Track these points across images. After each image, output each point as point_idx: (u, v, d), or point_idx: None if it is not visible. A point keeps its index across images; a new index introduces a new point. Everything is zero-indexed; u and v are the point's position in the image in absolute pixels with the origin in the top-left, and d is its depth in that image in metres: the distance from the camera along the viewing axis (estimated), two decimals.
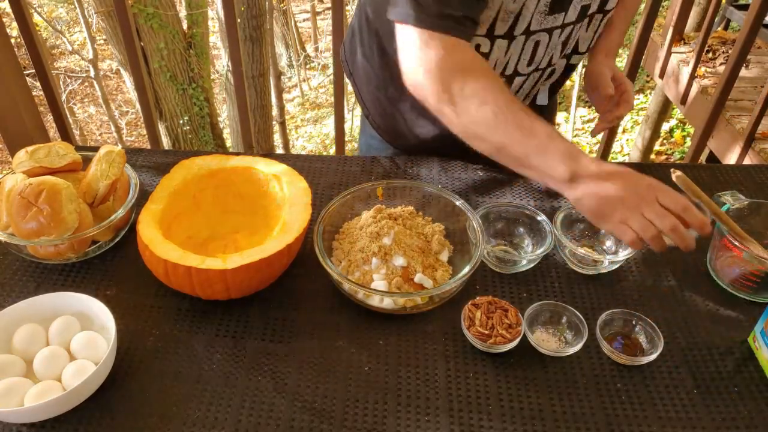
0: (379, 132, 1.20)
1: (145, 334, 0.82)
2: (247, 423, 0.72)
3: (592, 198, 0.77)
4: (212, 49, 7.08)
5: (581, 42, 0.98)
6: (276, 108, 6.43)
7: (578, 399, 0.75)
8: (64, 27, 8.83)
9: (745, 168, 1.18)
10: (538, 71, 0.98)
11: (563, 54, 0.97)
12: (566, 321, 0.83)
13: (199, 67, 5.10)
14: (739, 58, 1.45)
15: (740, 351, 0.81)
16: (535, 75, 0.99)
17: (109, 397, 0.74)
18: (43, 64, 1.39)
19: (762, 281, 0.86)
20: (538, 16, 0.87)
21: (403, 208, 0.97)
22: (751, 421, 0.72)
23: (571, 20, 0.90)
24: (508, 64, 0.95)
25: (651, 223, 0.73)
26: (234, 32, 1.38)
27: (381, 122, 1.16)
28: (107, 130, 8.30)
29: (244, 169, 0.98)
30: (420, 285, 0.86)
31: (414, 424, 0.72)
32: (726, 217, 0.86)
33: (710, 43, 2.76)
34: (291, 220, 0.87)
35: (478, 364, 0.79)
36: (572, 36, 0.93)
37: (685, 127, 5.49)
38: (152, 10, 4.55)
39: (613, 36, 1.07)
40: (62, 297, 0.80)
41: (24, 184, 0.84)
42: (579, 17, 0.90)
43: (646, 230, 0.73)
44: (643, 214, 0.74)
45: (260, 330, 0.83)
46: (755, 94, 2.43)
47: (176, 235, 0.90)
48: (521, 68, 0.96)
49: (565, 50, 0.96)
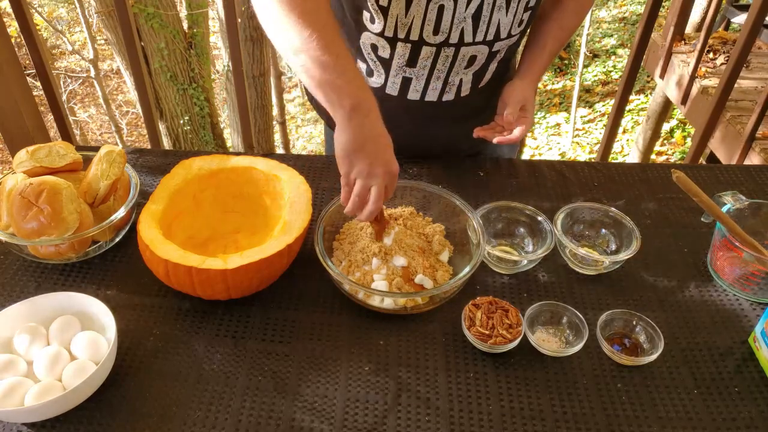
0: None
1: (145, 334, 0.82)
2: (247, 423, 0.72)
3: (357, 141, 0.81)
4: (213, 49, 7.08)
5: (502, 27, 0.96)
6: (276, 108, 6.42)
7: (578, 399, 0.75)
8: (65, 27, 8.83)
9: (746, 168, 1.18)
10: (449, 47, 0.96)
11: (480, 36, 0.95)
12: (566, 321, 0.83)
13: (200, 67, 5.10)
14: (740, 58, 1.45)
15: (740, 351, 0.81)
16: (448, 52, 0.97)
17: (109, 397, 0.74)
18: (44, 64, 1.39)
19: (762, 281, 0.86)
20: None
21: (403, 209, 0.97)
22: (751, 422, 0.72)
23: None
24: (412, 28, 0.94)
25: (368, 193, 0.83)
26: (234, 32, 1.38)
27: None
28: (107, 130, 8.30)
29: (245, 169, 0.98)
30: (420, 285, 0.86)
31: (414, 424, 0.72)
32: (726, 218, 0.86)
33: (711, 44, 2.76)
34: (291, 220, 0.87)
35: (478, 364, 0.79)
36: (483, 11, 0.92)
37: (686, 128, 5.49)
38: (153, 10, 4.55)
39: (544, 58, 1.07)
40: (63, 297, 0.80)
41: (24, 183, 0.84)
42: None
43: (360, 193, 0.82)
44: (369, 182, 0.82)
45: (260, 330, 0.83)
46: (756, 94, 2.43)
47: (176, 235, 0.90)
48: (427, 35, 0.94)
49: (479, 29, 0.94)
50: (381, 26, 0.95)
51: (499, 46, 0.99)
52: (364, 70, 1.05)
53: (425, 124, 1.10)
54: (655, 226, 1.02)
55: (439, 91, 1.04)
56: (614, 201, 1.07)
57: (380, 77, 1.04)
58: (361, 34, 0.99)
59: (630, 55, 1.54)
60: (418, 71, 1.01)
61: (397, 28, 0.94)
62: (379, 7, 0.92)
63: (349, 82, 0.81)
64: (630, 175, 1.14)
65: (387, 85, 1.04)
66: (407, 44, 0.96)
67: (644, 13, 1.46)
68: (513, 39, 1.00)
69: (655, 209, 1.06)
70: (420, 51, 0.97)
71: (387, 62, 1.01)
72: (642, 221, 1.02)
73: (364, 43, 1.00)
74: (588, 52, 6.82)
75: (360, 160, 0.82)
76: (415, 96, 1.05)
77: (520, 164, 1.18)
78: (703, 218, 1.01)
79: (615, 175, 1.14)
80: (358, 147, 0.81)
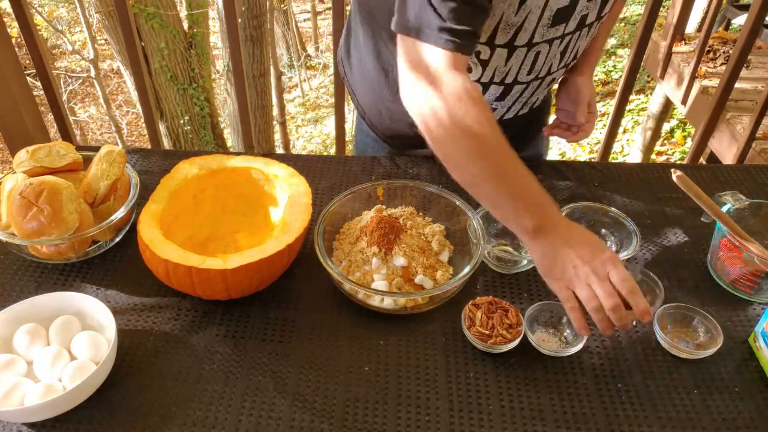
0: (375, 131, 1.20)
1: (145, 333, 0.82)
2: (247, 423, 0.72)
3: (549, 256, 0.76)
4: (213, 49, 7.08)
5: (579, 49, 0.99)
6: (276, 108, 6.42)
7: (578, 399, 0.75)
8: (65, 27, 8.83)
9: (746, 168, 1.18)
10: (537, 80, 0.99)
11: (563, 63, 0.98)
12: (566, 321, 0.83)
13: (200, 67, 5.10)
14: (740, 58, 1.45)
15: (741, 351, 0.81)
16: (535, 84, 1.00)
17: (109, 397, 0.74)
18: (44, 63, 1.39)
19: (762, 281, 0.86)
20: (541, 29, 0.87)
21: (403, 209, 0.97)
22: (751, 422, 0.72)
23: (570, 30, 0.90)
24: (509, 73, 0.95)
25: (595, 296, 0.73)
26: (234, 32, 1.38)
27: (377, 122, 1.16)
28: (108, 130, 8.30)
29: (245, 169, 0.98)
30: (420, 285, 0.86)
31: (414, 424, 0.72)
32: (726, 218, 0.86)
33: (711, 44, 2.76)
34: (291, 220, 0.87)
35: (478, 364, 0.79)
36: (570, 45, 0.94)
37: (686, 128, 5.49)
38: (153, 10, 4.55)
39: (597, 47, 1.09)
40: (63, 297, 0.80)
41: (24, 183, 0.84)
42: (578, 26, 0.90)
43: (589, 302, 0.73)
44: (590, 285, 0.73)
45: (260, 330, 0.83)
46: (756, 94, 2.42)
47: (176, 235, 0.90)
48: (521, 77, 0.96)
49: (564, 59, 0.97)
50: (478, 75, 0.96)
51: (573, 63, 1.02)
52: None
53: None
54: (655, 226, 1.02)
55: (517, 110, 1.07)
56: (614, 201, 1.07)
57: None
58: None
59: (630, 55, 1.53)
60: (506, 102, 1.03)
61: (495, 75, 0.95)
62: (480, 60, 0.93)
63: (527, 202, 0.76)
64: (630, 175, 1.14)
65: None
66: (501, 86, 0.98)
67: (644, 13, 1.46)
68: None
69: (655, 209, 1.06)
70: (512, 89, 0.99)
71: None
72: (642, 221, 1.02)
73: None
74: None
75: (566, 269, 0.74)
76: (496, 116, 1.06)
77: None
78: (703, 218, 1.01)
79: (615, 175, 1.14)
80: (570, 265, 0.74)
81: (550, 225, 0.76)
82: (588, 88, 1.07)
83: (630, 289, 0.71)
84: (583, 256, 0.73)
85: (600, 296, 0.72)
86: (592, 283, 0.73)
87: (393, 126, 1.14)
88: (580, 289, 0.73)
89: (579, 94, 1.05)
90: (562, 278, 0.75)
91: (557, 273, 0.76)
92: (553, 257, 0.75)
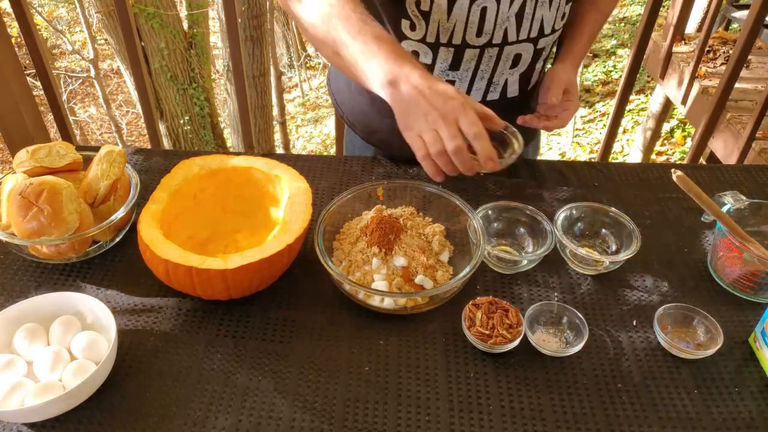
0: (354, 130, 1.19)
1: (145, 334, 0.82)
2: (247, 423, 0.72)
3: (404, 108, 0.77)
4: (213, 49, 7.08)
5: (546, 23, 0.94)
6: (276, 108, 6.43)
7: (578, 399, 0.75)
8: (65, 27, 8.83)
9: (746, 168, 1.18)
10: (493, 47, 0.95)
11: (524, 34, 0.94)
12: (567, 321, 0.83)
13: (200, 67, 5.10)
14: (740, 58, 1.45)
15: (741, 351, 0.81)
16: (492, 52, 0.96)
17: (109, 397, 0.74)
18: (44, 63, 1.39)
19: (763, 281, 0.86)
20: None
21: (403, 209, 0.97)
22: (751, 422, 0.72)
23: None
24: (455, 32, 0.92)
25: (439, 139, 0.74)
26: (234, 32, 1.38)
27: (354, 119, 1.16)
28: (108, 130, 8.30)
29: (245, 169, 0.98)
30: (420, 285, 0.86)
31: (414, 424, 0.72)
32: (726, 218, 0.86)
33: (711, 44, 2.76)
34: (291, 221, 0.87)
35: (478, 364, 0.79)
36: (526, 9, 0.90)
37: (686, 128, 5.49)
38: (153, 10, 4.55)
39: (583, 40, 1.06)
40: (63, 297, 0.80)
41: (24, 184, 0.84)
42: None
43: (433, 145, 0.74)
44: (437, 130, 0.74)
45: (260, 330, 0.83)
46: (756, 94, 2.43)
47: (177, 235, 0.90)
48: (470, 38, 0.93)
49: (523, 28, 0.93)
50: (422, 32, 0.93)
51: (544, 42, 0.98)
52: None
53: None
54: (655, 226, 1.02)
55: (483, 91, 1.03)
56: (614, 201, 1.07)
57: None
58: (401, 42, 0.97)
59: (630, 55, 1.54)
60: (462, 73, 0.99)
61: (440, 33, 0.93)
62: (420, 12, 0.91)
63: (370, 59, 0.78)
64: (630, 175, 1.14)
65: None
66: (450, 48, 0.95)
67: (644, 13, 1.46)
68: (557, 34, 0.99)
69: (655, 209, 1.06)
70: (463, 54, 0.96)
71: (430, 68, 0.99)
72: (642, 221, 1.02)
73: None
74: (588, 52, 6.82)
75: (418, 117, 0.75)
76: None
77: (520, 164, 1.18)
78: (703, 218, 1.01)
79: (615, 175, 1.14)
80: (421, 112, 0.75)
81: (404, 77, 0.76)
82: (565, 73, 1.02)
83: (475, 134, 0.72)
84: (434, 102, 0.74)
85: (444, 138, 0.73)
86: (438, 128, 0.73)
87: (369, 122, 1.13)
88: (427, 135, 0.74)
89: (554, 79, 1.01)
90: (413, 127, 0.76)
91: (411, 123, 0.76)
92: (407, 108, 0.76)
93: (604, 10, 1.08)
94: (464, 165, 0.73)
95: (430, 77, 0.77)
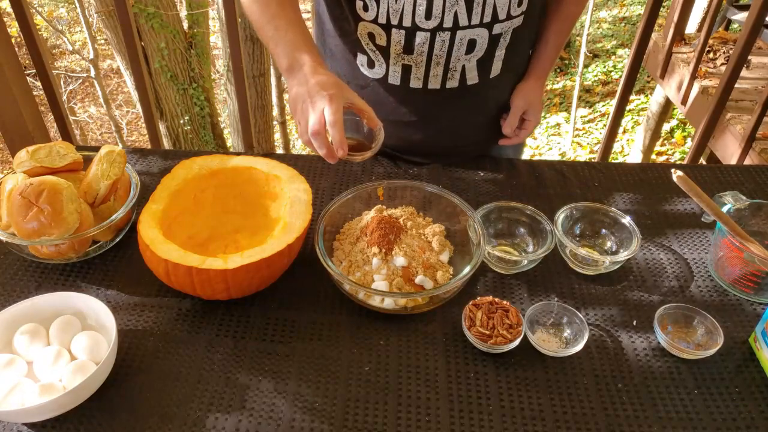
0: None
1: (145, 334, 0.82)
2: (247, 423, 0.72)
3: (293, 95, 0.86)
4: (213, 49, 7.08)
5: (499, 8, 0.94)
6: (277, 108, 6.42)
7: (578, 399, 0.75)
8: (65, 27, 8.83)
9: (746, 168, 1.18)
10: (444, 31, 0.95)
11: (476, 18, 0.94)
12: (566, 321, 0.83)
13: (200, 67, 5.09)
14: (740, 58, 1.45)
15: (741, 351, 0.81)
16: (443, 36, 0.96)
17: (110, 397, 0.74)
18: (44, 63, 1.39)
19: (763, 281, 0.86)
20: None
21: (403, 209, 0.97)
22: (751, 422, 0.72)
23: None
24: (404, 13, 0.94)
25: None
26: (234, 32, 1.38)
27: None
28: (108, 130, 8.30)
29: (245, 169, 0.98)
30: (421, 286, 0.86)
31: (414, 424, 0.72)
32: (726, 218, 0.86)
33: (711, 44, 2.76)
34: (292, 221, 0.87)
35: (478, 364, 0.79)
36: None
37: (686, 128, 5.49)
38: (153, 10, 4.54)
39: (548, 53, 1.10)
40: (63, 297, 0.80)
41: (25, 183, 0.84)
42: None
43: (305, 129, 0.83)
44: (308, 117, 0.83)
45: (260, 330, 0.83)
46: (756, 94, 2.42)
47: (177, 235, 0.90)
48: (419, 20, 0.94)
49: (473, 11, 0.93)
50: (374, 13, 0.96)
51: (500, 28, 0.98)
52: (365, 61, 1.05)
53: (430, 113, 1.09)
54: (655, 226, 1.02)
55: (441, 77, 1.03)
56: (614, 201, 1.08)
57: (381, 67, 1.04)
58: (358, 24, 1.00)
59: (630, 55, 1.53)
60: (416, 58, 1.00)
61: (390, 14, 0.95)
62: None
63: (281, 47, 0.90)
64: (630, 175, 1.14)
65: (389, 75, 1.05)
66: (401, 30, 0.97)
67: (644, 14, 1.46)
68: (515, 21, 0.98)
69: (655, 209, 1.06)
70: (415, 37, 0.97)
71: (385, 50, 1.01)
72: (642, 221, 1.02)
73: (362, 34, 1.01)
74: (588, 52, 6.82)
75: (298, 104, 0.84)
76: (417, 84, 1.04)
77: (520, 164, 1.18)
78: (703, 218, 1.01)
79: (615, 175, 1.14)
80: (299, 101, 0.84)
81: (297, 66, 0.87)
82: (525, 95, 1.10)
83: (330, 123, 0.80)
84: (310, 92, 0.83)
85: (309, 124, 0.81)
86: (308, 115, 0.82)
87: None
88: (302, 118, 0.84)
89: (514, 102, 1.11)
90: (296, 113, 0.85)
91: (295, 109, 0.85)
92: (295, 97, 0.85)
93: (569, 16, 1.09)
94: (322, 149, 0.82)
95: (318, 69, 0.86)
